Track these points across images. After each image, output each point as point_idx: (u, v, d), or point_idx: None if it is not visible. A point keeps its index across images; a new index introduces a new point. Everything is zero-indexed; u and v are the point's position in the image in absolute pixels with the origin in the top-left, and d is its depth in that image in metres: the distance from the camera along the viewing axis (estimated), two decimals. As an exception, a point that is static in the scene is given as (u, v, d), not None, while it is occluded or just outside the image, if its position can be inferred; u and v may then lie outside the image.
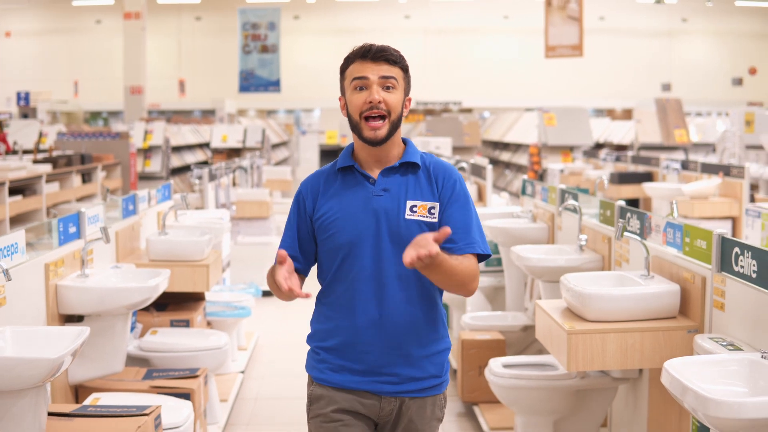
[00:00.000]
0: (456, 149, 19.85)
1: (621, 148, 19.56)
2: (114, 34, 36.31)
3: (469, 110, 37.58)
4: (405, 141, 3.34)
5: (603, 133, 21.24)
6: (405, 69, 3.24)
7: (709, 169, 11.97)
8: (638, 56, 40.27)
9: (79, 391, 5.27)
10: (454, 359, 7.24)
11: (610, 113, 32.12)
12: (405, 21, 41.13)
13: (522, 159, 21.70)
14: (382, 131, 3.16)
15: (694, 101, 36.71)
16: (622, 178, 13.92)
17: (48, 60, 40.42)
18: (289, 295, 3.08)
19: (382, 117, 3.16)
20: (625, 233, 4.99)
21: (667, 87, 38.91)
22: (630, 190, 13.51)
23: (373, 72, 3.15)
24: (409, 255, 2.84)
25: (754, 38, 40.71)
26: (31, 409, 3.74)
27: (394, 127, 3.19)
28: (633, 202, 13.14)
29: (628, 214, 5.46)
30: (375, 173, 3.27)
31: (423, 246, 2.85)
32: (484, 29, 41.18)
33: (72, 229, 5.46)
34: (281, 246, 3.31)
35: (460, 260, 3.11)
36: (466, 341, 6.55)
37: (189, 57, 41.11)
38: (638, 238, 4.93)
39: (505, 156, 23.97)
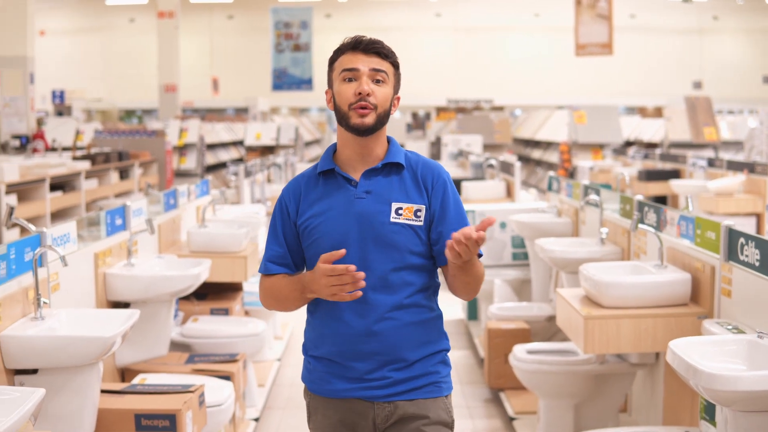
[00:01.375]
0: (486, 147, 20.06)
1: (651, 145, 19.71)
2: (147, 33, 36.66)
3: (500, 108, 37.66)
4: (388, 140, 3.22)
5: (633, 131, 21.40)
6: (396, 65, 3.15)
7: (734, 166, 12.20)
8: (669, 54, 40.29)
9: (125, 374, 5.59)
10: (481, 347, 7.53)
11: (641, 111, 32.21)
12: (436, 19, 41.33)
13: (553, 157, 21.89)
14: (369, 119, 3.04)
15: (726, 99, 36.72)
16: (649, 176, 14.14)
17: (82, 58, 40.77)
18: (297, 302, 3.10)
19: (370, 108, 3.04)
20: (640, 225, 5.29)
21: (698, 85, 38.98)
22: (657, 187, 13.72)
23: (364, 64, 3.06)
24: (456, 237, 2.80)
25: (785, 36, 40.73)
26: (86, 385, 4.07)
27: (380, 121, 3.08)
28: (661, 199, 13.38)
29: (645, 208, 5.73)
30: (357, 175, 3.15)
31: (468, 235, 2.80)
32: (515, 27, 41.30)
33: (118, 221, 5.79)
34: (269, 257, 3.21)
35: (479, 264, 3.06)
36: (492, 330, 6.83)
37: (221, 55, 41.45)
38: (652, 229, 5.20)
39: (536, 154, 24.16)
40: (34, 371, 3.94)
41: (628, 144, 20.33)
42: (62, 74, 36.18)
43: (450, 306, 8.81)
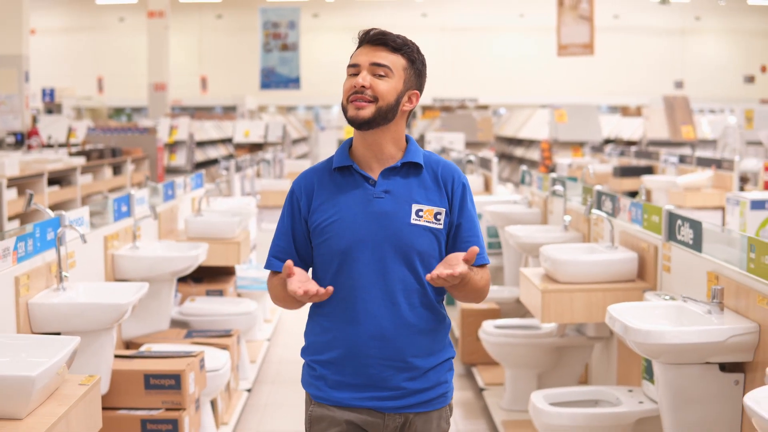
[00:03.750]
0: (469, 144, 20.51)
1: (631, 143, 20.21)
2: (137, 32, 37.01)
3: (485, 107, 38.02)
4: (407, 139, 3.13)
5: (614, 130, 21.92)
6: (411, 59, 3.04)
7: (703, 162, 12.78)
8: (651, 54, 40.80)
9: (130, 346, 6.15)
10: (456, 327, 8.11)
11: (624, 110, 32.79)
12: (422, 19, 41.76)
13: (534, 154, 22.34)
14: (365, 112, 2.95)
15: (707, 98, 37.25)
16: (624, 172, 14.69)
17: (72, 57, 41.02)
18: (302, 301, 2.99)
19: (368, 101, 2.97)
20: (594, 211, 5.89)
21: (679, 84, 39.53)
22: (631, 183, 14.25)
23: (366, 57, 2.99)
24: (435, 272, 2.79)
25: (766, 36, 41.22)
26: (102, 348, 4.65)
27: (382, 115, 2.98)
28: (635, 194, 13.95)
29: (603, 197, 6.32)
30: (375, 173, 3.06)
31: (452, 265, 2.81)
32: (500, 27, 41.77)
33: (124, 209, 6.35)
34: (274, 253, 3.15)
35: (480, 274, 3.04)
36: (465, 310, 7.43)
37: (210, 54, 41.82)
38: (604, 214, 5.81)
39: (518, 151, 24.63)
40: (57, 335, 4.49)
41: (608, 142, 20.87)
42: (52, 72, 36.45)
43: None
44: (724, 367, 4.03)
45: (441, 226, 3.03)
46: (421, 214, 3.01)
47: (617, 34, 39.33)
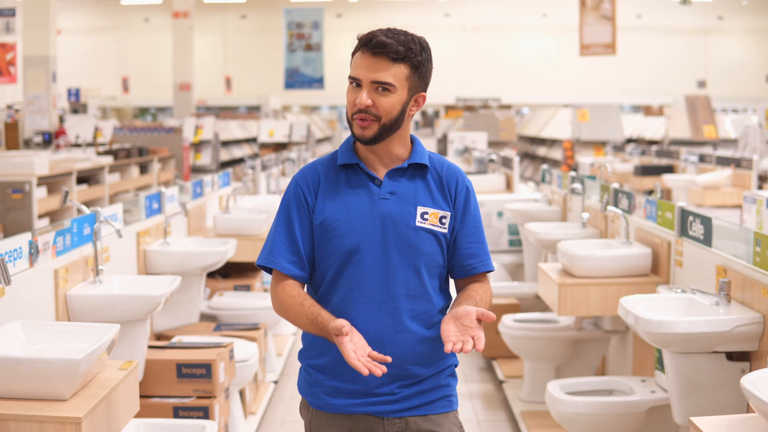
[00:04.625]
0: (491, 144, 20.67)
1: (653, 143, 20.30)
2: (161, 32, 37.32)
3: (508, 107, 38.17)
4: (412, 139, 3.05)
5: (636, 129, 22.00)
6: (415, 65, 2.90)
7: (722, 161, 12.93)
8: (674, 53, 40.83)
9: (161, 339, 6.37)
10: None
11: (648, 110, 32.87)
12: (445, 19, 41.90)
13: (557, 154, 22.48)
14: (369, 131, 2.88)
15: (730, 98, 37.32)
16: (645, 171, 14.83)
17: (97, 57, 41.31)
18: (306, 329, 2.90)
19: (371, 119, 2.88)
20: (609, 207, 6.07)
21: (702, 84, 39.59)
22: (652, 182, 14.37)
23: (367, 73, 2.86)
24: (451, 341, 2.67)
25: (789, 36, 41.30)
26: (136, 338, 4.86)
27: (387, 129, 2.90)
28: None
29: (619, 195, 6.50)
30: (381, 173, 2.98)
31: (470, 328, 2.71)
32: (523, 27, 41.87)
33: (155, 206, 6.57)
34: (281, 253, 2.98)
35: (481, 291, 2.99)
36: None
37: (234, 54, 42.06)
38: (619, 211, 5.98)
39: (541, 151, 24.76)
40: (94, 325, 4.72)
41: (630, 141, 20.98)
42: (78, 72, 36.68)
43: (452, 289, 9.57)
44: (731, 357, 4.22)
45: (446, 230, 2.97)
46: (426, 217, 2.94)
47: (640, 33, 39.42)
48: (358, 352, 2.70)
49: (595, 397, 5.14)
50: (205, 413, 5.07)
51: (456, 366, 3.08)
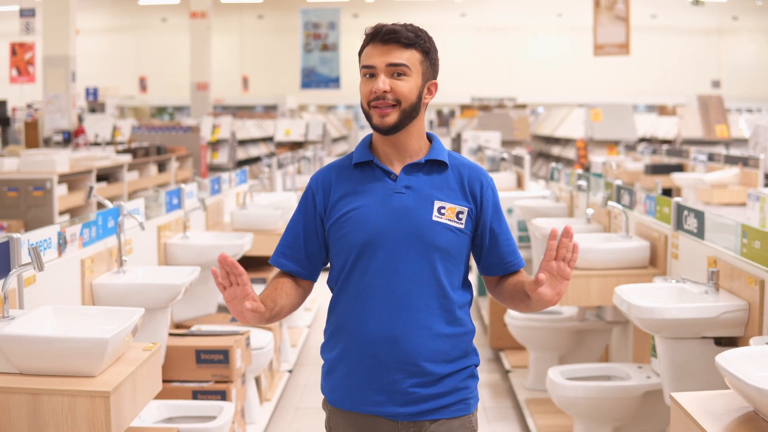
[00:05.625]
0: (505, 143, 20.82)
1: (666, 142, 20.46)
2: (179, 32, 37.66)
3: (523, 106, 38.31)
4: (430, 137, 3.03)
5: (649, 129, 22.15)
6: (425, 51, 2.91)
7: (731, 160, 13.14)
8: (689, 53, 40.98)
9: (180, 328, 6.64)
10: (485, 314, 8.53)
11: (662, 109, 32.96)
12: (460, 19, 42.13)
13: (571, 153, 22.61)
14: (391, 118, 2.85)
15: (744, 98, 37.47)
16: (655, 169, 15.01)
17: (115, 57, 41.62)
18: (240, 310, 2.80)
19: (391, 105, 2.85)
20: (609, 203, 6.32)
21: (716, 84, 39.72)
22: (662, 180, 14.58)
23: (381, 58, 2.85)
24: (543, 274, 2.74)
25: (803, 36, 41.40)
26: (158, 325, 5.13)
27: (407, 115, 2.88)
28: (666, 191, 14.30)
29: (621, 191, 6.74)
30: (396, 168, 2.96)
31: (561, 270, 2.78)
32: (538, 27, 42.04)
33: (175, 201, 6.84)
34: (279, 248, 3.06)
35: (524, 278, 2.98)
36: (494, 299, 7.88)
37: (251, 54, 42.34)
38: (619, 206, 6.23)
39: (555, 150, 24.91)
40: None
41: (643, 140, 21.14)
42: (95, 72, 36.95)
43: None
44: (720, 342, 4.47)
45: (462, 226, 2.91)
46: (443, 211, 2.89)
47: (655, 33, 39.56)
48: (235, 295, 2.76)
49: (593, 382, 5.39)
50: (222, 397, 5.34)
51: (477, 365, 3.04)
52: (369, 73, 2.88)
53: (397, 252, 2.86)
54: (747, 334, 4.34)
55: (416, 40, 2.87)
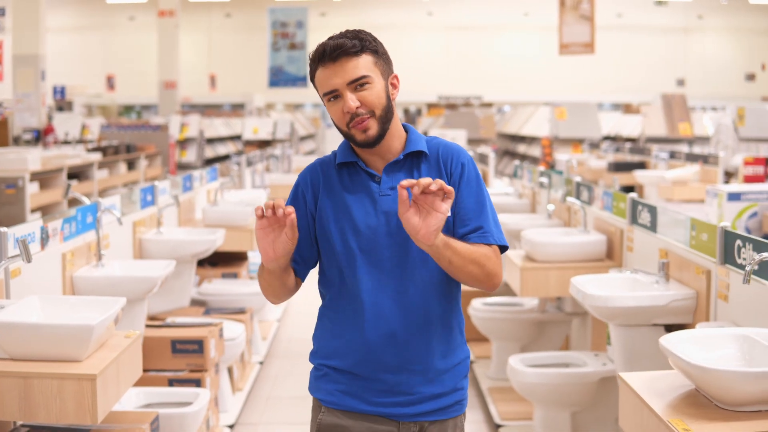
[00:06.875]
0: (471, 141, 21.07)
1: (630, 140, 20.72)
2: (147, 31, 37.70)
3: (489, 105, 38.62)
4: (406, 128, 3.00)
5: (614, 127, 22.44)
6: (374, 51, 2.87)
7: (691, 158, 13.45)
8: (654, 52, 41.39)
9: (155, 320, 6.85)
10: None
11: (627, 108, 33.25)
12: (428, 18, 42.39)
13: (536, 151, 22.82)
14: (372, 130, 2.84)
15: (709, 96, 37.95)
16: (618, 167, 15.27)
17: (83, 55, 41.63)
18: (277, 279, 2.91)
19: (367, 117, 2.83)
20: (568, 198, 6.59)
21: (681, 82, 40.18)
22: (625, 177, 14.79)
23: (339, 79, 2.83)
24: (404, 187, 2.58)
25: (766, 35, 41.79)
26: (135, 317, 5.34)
27: (386, 120, 2.86)
28: (629, 188, 14.57)
29: (581, 187, 7.01)
30: (379, 168, 2.94)
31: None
32: (505, 26, 42.40)
33: (149, 198, 7.05)
34: None
35: (476, 246, 2.83)
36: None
37: (219, 53, 42.46)
38: (577, 201, 6.49)
39: (521, 148, 25.11)
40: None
41: (608, 138, 21.41)
42: (63, 71, 36.90)
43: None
44: (670, 329, 4.72)
45: (448, 213, 2.70)
46: None
47: (621, 32, 39.99)
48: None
49: (551, 369, 5.65)
50: (197, 385, 5.57)
51: (468, 359, 3.05)
52: (332, 96, 2.87)
53: (388, 254, 2.87)
54: (695, 321, 4.59)
55: (363, 44, 2.85)
